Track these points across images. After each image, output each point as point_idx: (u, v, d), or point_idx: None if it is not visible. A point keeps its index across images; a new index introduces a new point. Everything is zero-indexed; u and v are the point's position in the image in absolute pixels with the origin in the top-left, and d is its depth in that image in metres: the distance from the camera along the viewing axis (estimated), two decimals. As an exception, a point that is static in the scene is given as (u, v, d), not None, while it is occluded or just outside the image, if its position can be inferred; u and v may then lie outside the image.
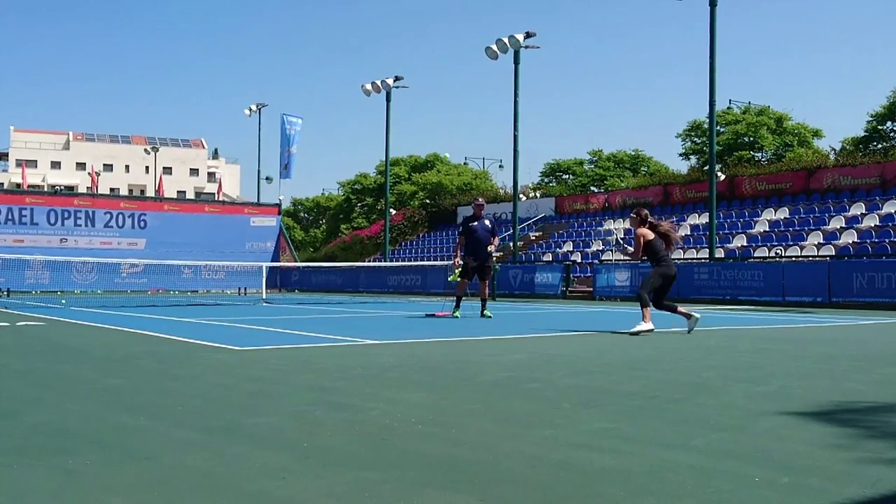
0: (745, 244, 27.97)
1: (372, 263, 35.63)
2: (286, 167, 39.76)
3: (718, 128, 40.47)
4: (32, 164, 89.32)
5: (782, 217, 29.34)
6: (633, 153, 55.90)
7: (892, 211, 26.37)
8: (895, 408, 4.64)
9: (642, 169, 53.99)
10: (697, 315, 10.21)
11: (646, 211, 10.55)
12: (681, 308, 10.42)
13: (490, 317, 13.77)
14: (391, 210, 39.96)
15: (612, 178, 52.40)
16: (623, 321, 13.62)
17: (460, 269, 14.26)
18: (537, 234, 38.89)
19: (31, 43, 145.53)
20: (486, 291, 14.51)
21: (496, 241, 14.36)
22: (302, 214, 79.89)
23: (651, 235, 10.23)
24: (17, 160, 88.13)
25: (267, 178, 56.09)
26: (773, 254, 25.59)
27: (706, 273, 22.70)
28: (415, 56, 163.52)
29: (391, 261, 37.36)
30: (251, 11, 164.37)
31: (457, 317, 13.71)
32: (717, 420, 4.17)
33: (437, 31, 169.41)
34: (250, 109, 44.05)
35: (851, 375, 6.13)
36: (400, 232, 45.69)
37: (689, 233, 31.00)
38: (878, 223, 26.06)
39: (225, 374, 6.00)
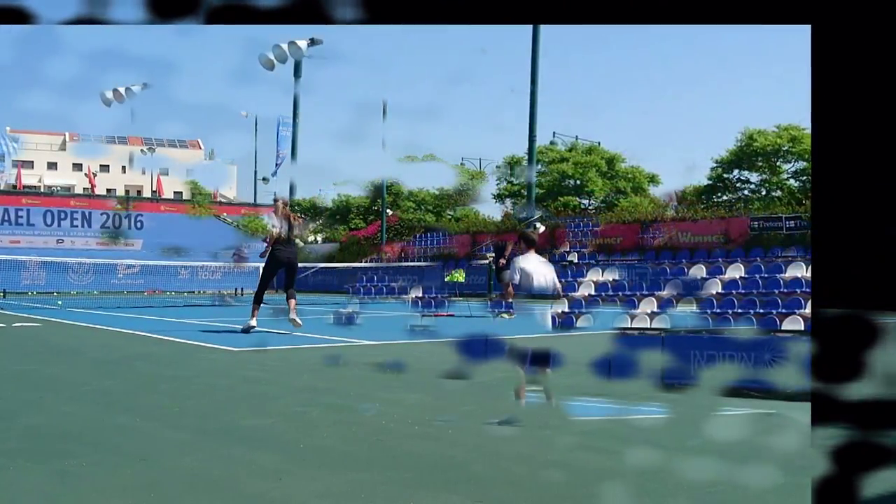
0: (566, 310, 22.00)
1: (369, 264, 35.59)
2: (278, 166, 39.81)
3: (539, 167, 34.53)
4: (28, 164, 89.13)
5: (611, 279, 23.92)
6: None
7: (736, 276, 20.34)
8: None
9: (447, 213, 40.68)
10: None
11: (280, 203, 10.78)
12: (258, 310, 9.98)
13: (504, 317, 14.01)
14: (388, 211, 39.94)
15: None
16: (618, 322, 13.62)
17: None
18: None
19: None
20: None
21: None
22: (298, 215, 79.94)
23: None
24: (13, 161, 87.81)
25: (263, 179, 56.07)
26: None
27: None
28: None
29: (388, 261, 37.30)
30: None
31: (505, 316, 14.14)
32: (712, 421, 4.18)
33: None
34: (247, 111, 44.05)
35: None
36: (397, 233, 45.61)
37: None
38: (720, 290, 20.65)
39: (221, 376, 6.00)
